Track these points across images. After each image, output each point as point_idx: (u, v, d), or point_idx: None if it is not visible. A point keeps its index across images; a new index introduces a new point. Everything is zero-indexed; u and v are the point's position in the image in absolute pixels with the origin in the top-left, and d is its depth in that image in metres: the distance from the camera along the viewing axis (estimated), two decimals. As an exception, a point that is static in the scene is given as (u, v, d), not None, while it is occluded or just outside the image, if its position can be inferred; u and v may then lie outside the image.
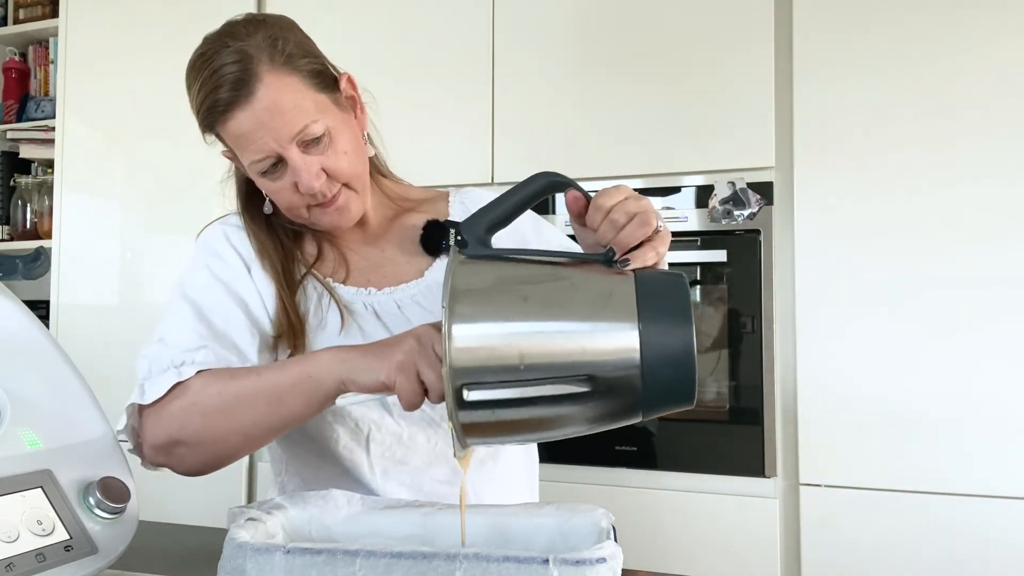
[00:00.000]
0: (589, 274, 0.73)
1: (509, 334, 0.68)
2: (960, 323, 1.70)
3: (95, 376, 0.86)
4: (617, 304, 0.68)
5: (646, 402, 0.67)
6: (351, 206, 1.00)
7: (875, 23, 1.79)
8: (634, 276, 0.71)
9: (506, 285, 0.72)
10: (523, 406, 0.69)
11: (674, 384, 0.67)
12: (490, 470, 1.05)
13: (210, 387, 0.88)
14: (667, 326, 0.67)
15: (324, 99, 0.95)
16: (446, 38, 2.14)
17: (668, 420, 1.91)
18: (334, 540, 0.78)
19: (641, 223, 0.74)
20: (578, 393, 0.67)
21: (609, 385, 0.67)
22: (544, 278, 0.72)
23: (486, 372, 0.68)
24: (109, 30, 2.49)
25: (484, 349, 0.68)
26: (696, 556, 1.84)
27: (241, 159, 0.97)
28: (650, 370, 0.66)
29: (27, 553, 0.63)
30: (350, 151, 0.97)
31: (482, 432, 0.71)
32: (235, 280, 0.99)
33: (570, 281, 0.72)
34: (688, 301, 0.69)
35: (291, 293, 1.00)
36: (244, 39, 0.91)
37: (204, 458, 0.90)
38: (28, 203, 2.80)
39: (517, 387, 0.67)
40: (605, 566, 0.60)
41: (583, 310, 0.69)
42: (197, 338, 0.93)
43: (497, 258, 0.75)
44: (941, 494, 1.69)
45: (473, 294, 0.70)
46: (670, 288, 0.70)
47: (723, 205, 1.86)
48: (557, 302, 0.70)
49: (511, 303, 0.71)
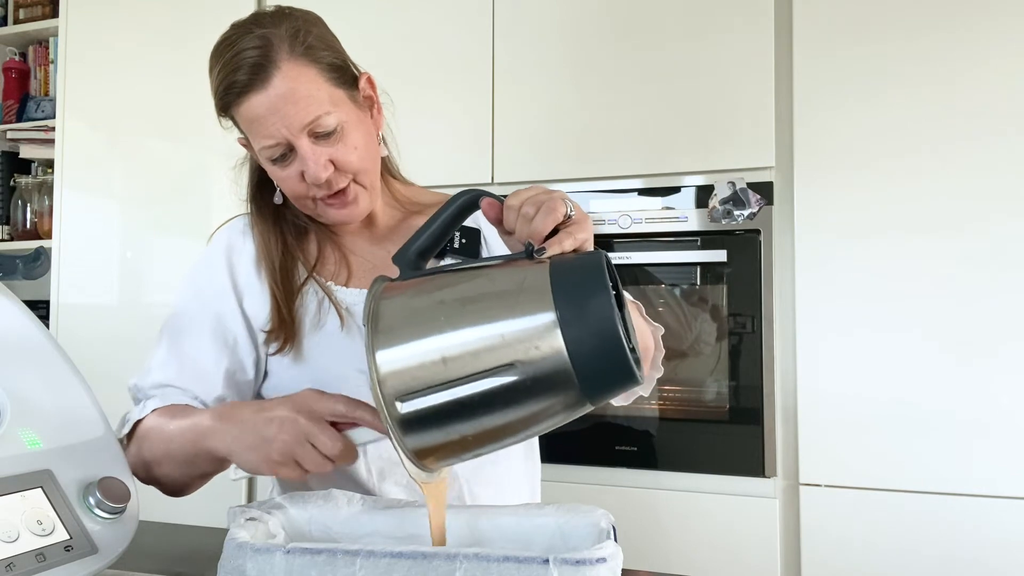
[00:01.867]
0: (506, 268, 0.71)
1: (429, 340, 0.67)
2: (960, 323, 1.70)
3: (95, 376, 0.87)
4: (531, 289, 0.66)
5: (584, 381, 0.65)
6: (359, 202, 1.01)
7: (875, 23, 1.79)
8: (550, 262, 0.69)
9: (423, 298, 0.71)
10: (463, 411, 0.66)
11: (604, 357, 0.64)
12: (488, 472, 1.05)
13: (148, 437, 0.95)
14: (582, 300, 0.65)
15: (340, 94, 0.96)
16: (446, 38, 2.14)
17: (668, 420, 1.92)
18: (334, 540, 0.78)
19: (548, 211, 0.73)
20: (511, 384, 0.65)
21: (537, 370, 0.64)
22: (460, 281, 0.72)
23: (414, 383, 0.66)
24: (109, 30, 2.49)
25: (408, 363, 0.67)
26: (696, 556, 1.84)
27: (252, 144, 0.99)
28: (574, 346, 0.64)
29: (27, 553, 0.63)
30: (360, 147, 0.98)
31: (436, 452, 0.69)
32: (216, 298, 1.04)
33: (486, 277, 0.71)
34: (602, 273, 0.66)
35: (285, 291, 1.02)
36: (268, 27, 0.94)
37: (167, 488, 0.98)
38: (28, 203, 2.80)
39: (447, 389, 0.66)
40: (605, 566, 0.60)
41: (498, 300, 0.68)
42: (164, 375, 1.02)
43: (422, 277, 0.75)
44: (941, 494, 1.69)
45: (390, 318, 0.69)
46: (583, 265, 0.68)
47: (723, 205, 1.86)
48: (472, 298, 0.69)
49: (427, 312, 0.70)
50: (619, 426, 1.93)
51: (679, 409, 1.92)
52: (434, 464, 0.71)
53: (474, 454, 0.71)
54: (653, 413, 1.92)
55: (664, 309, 1.94)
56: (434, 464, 0.71)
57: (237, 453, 0.84)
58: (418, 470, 0.70)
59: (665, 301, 1.94)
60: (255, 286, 1.05)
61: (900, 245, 1.75)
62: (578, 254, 0.72)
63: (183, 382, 1.01)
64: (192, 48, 2.45)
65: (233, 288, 1.05)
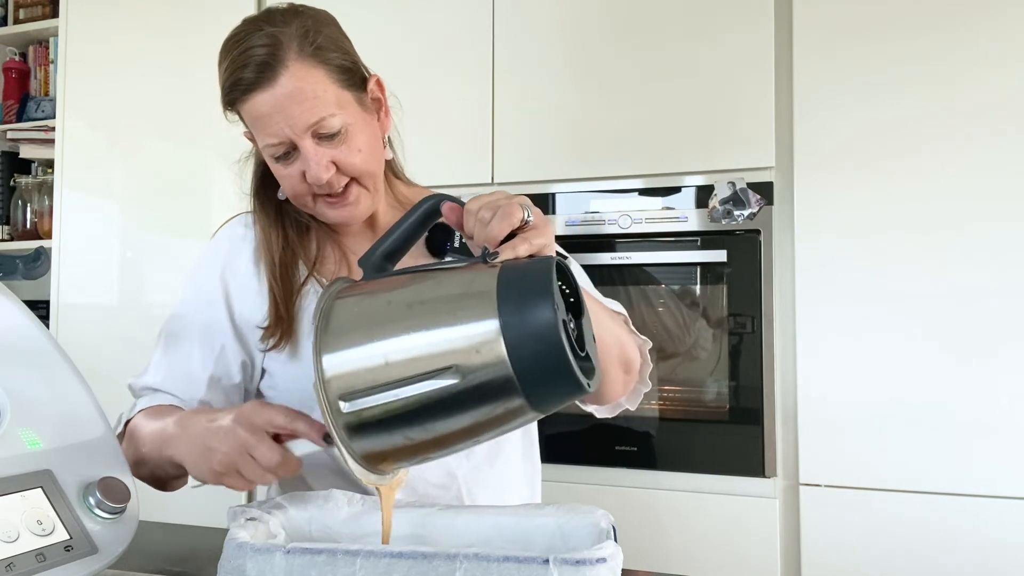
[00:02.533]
0: (457, 272, 0.71)
1: (373, 342, 0.67)
2: (960, 323, 1.69)
3: (95, 376, 0.87)
4: (477, 293, 0.66)
5: (526, 386, 0.64)
6: (361, 203, 1.01)
7: (875, 23, 1.79)
8: (500, 267, 0.69)
9: (372, 299, 0.71)
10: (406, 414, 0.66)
11: (544, 363, 0.63)
12: (486, 474, 1.05)
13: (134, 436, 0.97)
14: (525, 305, 0.64)
15: (347, 96, 0.96)
16: (446, 38, 2.14)
17: (668, 420, 1.92)
18: (334, 540, 0.78)
19: (504, 215, 0.72)
20: (452, 387, 0.64)
21: (478, 374, 0.64)
22: (411, 283, 0.71)
23: (358, 384, 0.66)
24: (109, 30, 2.49)
25: (353, 365, 0.67)
26: (696, 556, 1.84)
27: (257, 140, 0.99)
28: (514, 351, 0.63)
29: (27, 553, 0.63)
30: (364, 150, 0.98)
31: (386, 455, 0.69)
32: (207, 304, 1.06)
33: (435, 280, 0.70)
34: (548, 279, 0.65)
35: (284, 288, 1.02)
36: (279, 25, 0.93)
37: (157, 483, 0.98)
38: (28, 203, 2.80)
39: (389, 390, 0.65)
40: (605, 566, 0.60)
41: (444, 304, 0.67)
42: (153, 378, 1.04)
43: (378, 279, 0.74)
44: (941, 494, 1.69)
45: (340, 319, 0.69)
46: (531, 270, 0.67)
47: (723, 205, 1.86)
48: (419, 301, 0.68)
49: (375, 313, 0.69)
50: (619, 426, 1.93)
51: (679, 409, 1.92)
52: (387, 467, 0.71)
53: (424, 457, 0.71)
54: (653, 413, 1.92)
55: (664, 309, 1.94)
56: (387, 467, 0.71)
57: (188, 462, 0.86)
58: (365, 472, 0.70)
59: (665, 301, 1.94)
60: (252, 286, 1.05)
61: (900, 245, 1.75)
62: (531, 259, 0.71)
63: (169, 385, 1.03)
64: (192, 48, 2.46)
65: (224, 297, 1.06)
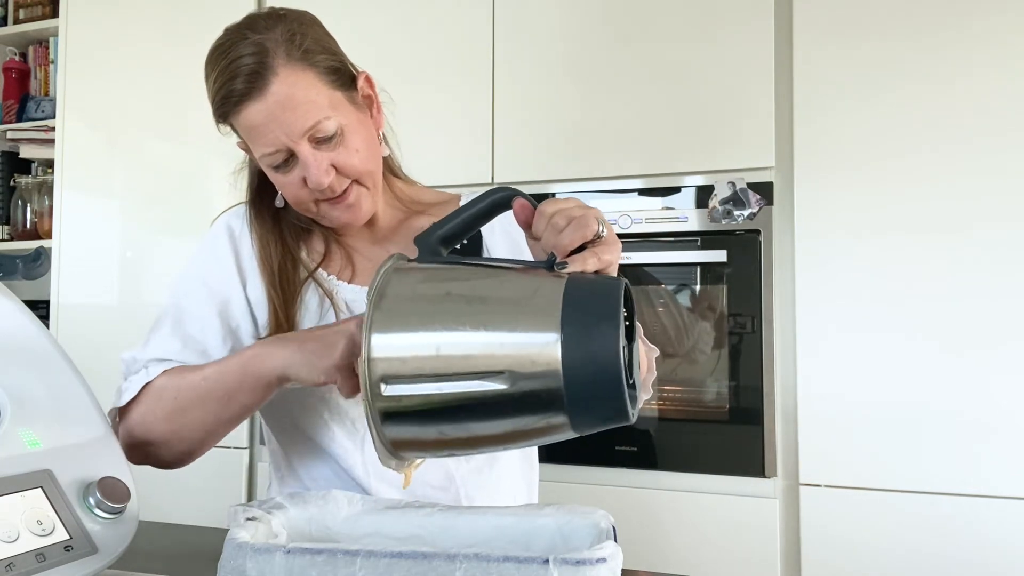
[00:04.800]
0: (523, 275, 0.69)
1: (427, 330, 0.66)
2: (960, 323, 1.70)
3: (95, 376, 0.87)
4: (541, 301, 0.64)
5: (573, 407, 0.63)
6: (362, 203, 1.00)
7: (875, 24, 1.79)
8: (567, 278, 0.67)
9: (432, 285, 0.70)
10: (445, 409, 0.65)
11: (598, 388, 0.62)
12: (486, 476, 1.05)
13: (167, 389, 0.94)
14: (590, 325, 0.62)
15: (339, 96, 0.95)
16: (446, 38, 2.14)
17: (668, 420, 1.92)
18: (334, 540, 0.78)
19: (579, 226, 0.71)
20: (499, 392, 0.63)
21: (528, 384, 0.63)
22: (473, 277, 0.70)
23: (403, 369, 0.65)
24: (109, 30, 2.49)
25: (401, 349, 0.66)
26: (696, 556, 1.84)
27: (253, 151, 0.98)
28: (570, 369, 0.62)
29: (27, 553, 0.63)
30: (362, 149, 0.97)
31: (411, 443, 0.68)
32: (223, 281, 1.04)
33: (500, 279, 0.69)
34: (617, 302, 0.64)
35: (281, 294, 1.02)
36: (263, 32, 0.92)
37: (173, 455, 0.95)
38: (28, 203, 2.80)
39: (435, 382, 0.64)
40: (605, 566, 0.60)
41: (506, 305, 0.66)
42: (165, 350, 0.99)
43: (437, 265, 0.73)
44: (941, 494, 1.69)
45: (394, 299, 0.68)
46: (600, 289, 0.66)
47: (723, 205, 1.86)
48: (480, 298, 0.67)
49: (433, 301, 0.68)
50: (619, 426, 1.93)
51: (679, 409, 1.92)
52: (407, 454, 0.71)
53: (447, 453, 0.71)
54: (653, 413, 1.92)
55: (664, 309, 1.94)
56: (407, 454, 0.71)
57: (296, 363, 0.84)
58: (388, 456, 0.69)
59: (665, 301, 1.94)
60: (257, 276, 1.04)
61: (900, 245, 1.75)
62: (599, 276, 0.70)
63: (185, 358, 0.99)
64: (192, 48, 2.44)
65: (239, 274, 1.04)
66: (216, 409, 0.91)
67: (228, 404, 0.91)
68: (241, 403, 0.91)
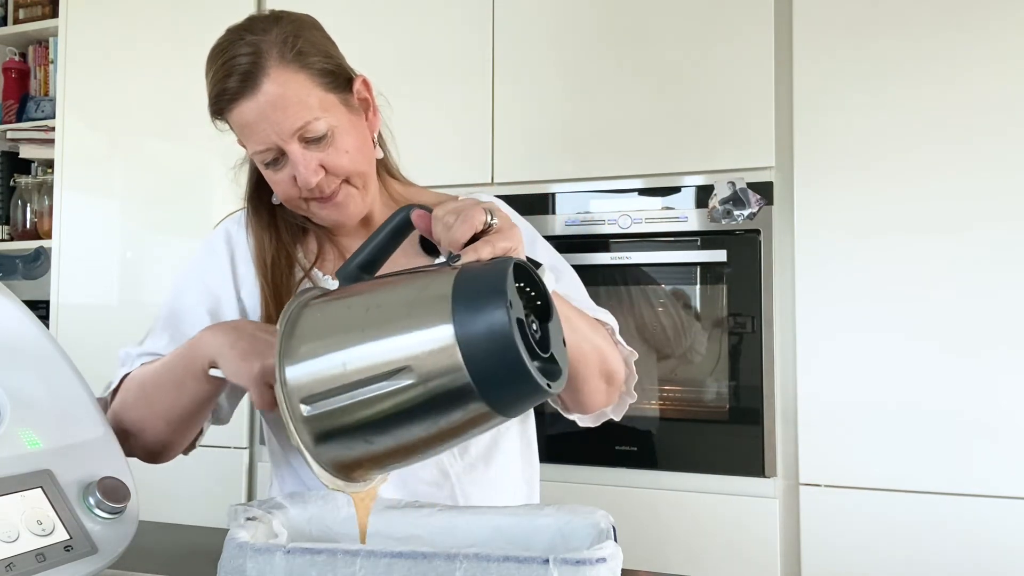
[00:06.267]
0: (417, 276, 0.71)
1: (332, 346, 0.67)
2: (960, 323, 1.69)
3: (95, 376, 0.87)
4: (433, 294, 0.66)
5: (482, 387, 0.63)
6: (350, 203, 1.01)
7: (875, 23, 1.79)
8: (459, 269, 0.68)
9: (334, 304, 0.71)
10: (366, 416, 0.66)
11: (498, 363, 0.63)
12: (481, 473, 1.05)
13: (136, 380, 0.96)
14: (478, 306, 0.63)
15: (332, 98, 0.97)
16: (446, 38, 2.14)
17: (668, 420, 1.92)
18: (334, 540, 0.78)
19: (466, 219, 0.72)
20: (408, 388, 0.64)
21: (433, 375, 0.63)
22: (373, 289, 0.71)
23: (318, 387, 0.66)
24: (109, 30, 2.49)
25: (313, 369, 0.67)
26: (696, 556, 1.84)
27: (247, 148, 1.01)
28: (468, 351, 0.63)
29: (27, 553, 0.63)
30: (352, 151, 0.98)
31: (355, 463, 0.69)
32: (215, 282, 1.07)
33: (393, 285, 0.70)
34: (502, 279, 0.65)
35: (275, 291, 1.03)
36: (260, 33, 0.95)
37: (145, 446, 0.97)
38: (28, 203, 2.80)
39: (347, 392, 0.65)
40: (605, 566, 0.60)
41: (399, 306, 0.67)
42: (157, 343, 1.02)
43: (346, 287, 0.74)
44: (941, 494, 1.69)
45: (304, 326, 0.69)
46: (486, 270, 0.67)
47: (723, 205, 1.86)
48: (375, 304, 0.69)
49: (335, 318, 0.70)
50: (619, 426, 1.92)
51: (679, 409, 1.92)
52: (358, 475, 0.71)
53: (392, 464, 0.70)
54: (653, 413, 1.92)
55: (663, 309, 1.94)
56: (358, 475, 0.71)
57: (225, 356, 0.84)
58: (331, 478, 0.69)
59: (665, 301, 1.94)
60: (252, 280, 1.06)
61: (900, 245, 1.75)
62: (486, 262, 0.70)
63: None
64: (192, 48, 2.44)
65: (233, 277, 1.07)
66: (171, 397, 0.92)
67: (180, 392, 0.92)
68: (191, 391, 0.91)
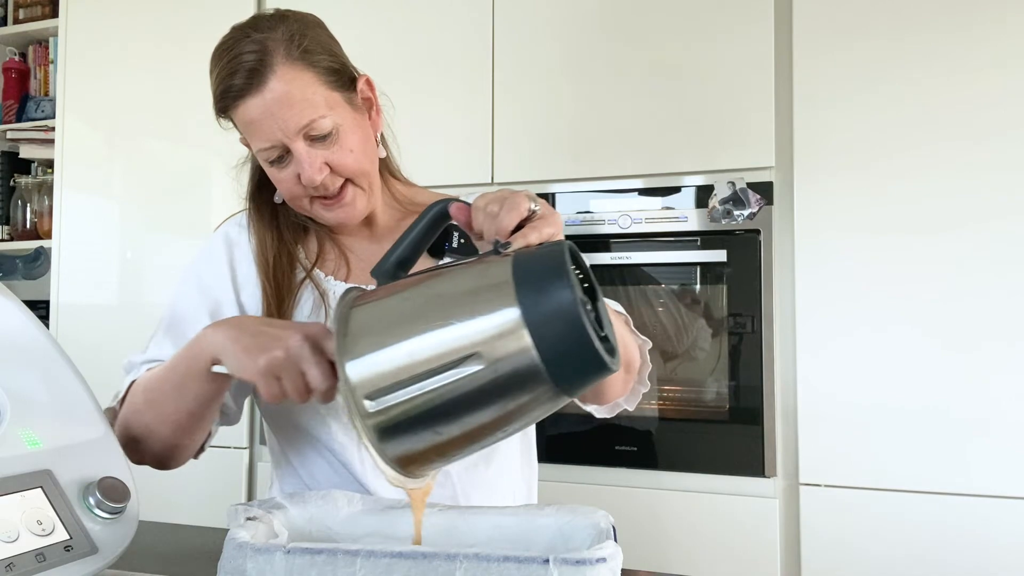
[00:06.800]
0: (471, 266, 0.71)
1: (395, 339, 0.67)
2: (960, 323, 1.70)
3: (95, 376, 0.87)
4: (493, 281, 0.66)
5: (551, 367, 0.63)
6: (357, 203, 1.02)
7: (875, 23, 1.79)
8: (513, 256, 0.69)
9: (389, 300, 0.71)
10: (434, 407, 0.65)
11: (567, 342, 0.63)
12: (481, 473, 1.05)
13: (140, 386, 0.95)
14: (542, 288, 0.64)
15: (337, 97, 0.97)
16: (446, 38, 2.14)
17: (668, 420, 1.92)
18: (334, 540, 0.78)
19: (512, 206, 0.73)
20: (477, 374, 0.64)
21: (502, 359, 0.64)
22: (426, 281, 0.71)
23: (383, 382, 0.66)
24: (109, 30, 2.49)
25: (377, 365, 0.66)
26: (696, 556, 1.84)
27: (251, 146, 1.00)
28: (536, 333, 0.63)
29: (27, 553, 0.63)
30: (356, 150, 0.99)
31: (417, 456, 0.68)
32: (214, 285, 1.06)
33: (451, 276, 0.70)
34: (563, 261, 0.66)
35: (277, 291, 1.03)
36: (265, 31, 0.95)
37: (154, 452, 0.95)
38: (28, 203, 2.80)
39: (415, 384, 0.65)
40: (605, 566, 0.60)
41: (461, 295, 0.67)
42: (161, 350, 1.02)
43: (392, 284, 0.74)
44: (941, 494, 1.69)
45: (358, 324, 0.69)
46: (544, 255, 0.68)
47: (723, 205, 1.86)
48: (436, 296, 0.69)
49: (393, 313, 0.70)
50: (619, 426, 1.93)
51: (679, 409, 1.92)
52: (419, 470, 0.70)
53: (456, 454, 0.70)
54: (653, 413, 1.92)
55: (664, 309, 1.94)
56: (419, 470, 0.70)
57: (228, 352, 0.83)
58: (395, 474, 0.69)
59: (665, 301, 1.94)
60: (252, 282, 1.06)
61: (901, 245, 1.75)
62: (541, 246, 0.71)
63: None
64: (192, 48, 2.46)
65: (232, 280, 1.07)
66: (174, 399, 0.91)
67: (182, 393, 0.90)
68: (194, 391, 0.90)
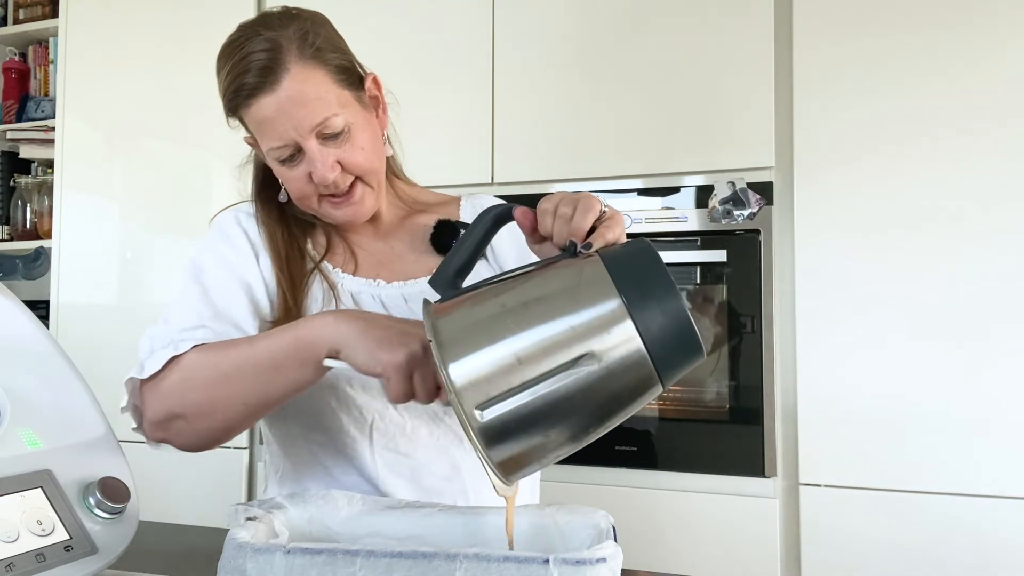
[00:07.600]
0: (557, 268, 0.72)
1: (500, 345, 0.67)
2: (960, 322, 1.70)
3: (95, 376, 0.87)
4: (591, 280, 0.68)
5: (658, 361, 0.65)
6: (365, 201, 1.02)
7: (875, 23, 1.79)
8: (599, 255, 0.70)
9: (483, 306, 0.71)
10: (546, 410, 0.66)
11: (674, 335, 0.66)
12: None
13: (207, 359, 0.90)
14: (644, 284, 0.67)
15: (347, 95, 0.97)
16: (446, 38, 2.14)
17: (668, 420, 1.92)
18: (334, 540, 0.78)
19: (587, 208, 0.76)
20: (590, 374, 0.65)
21: (613, 356, 0.65)
22: (516, 286, 0.71)
23: (493, 389, 0.65)
24: (109, 30, 2.49)
25: (484, 371, 0.66)
26: (696, 556, 1.84)
27: (261, 145, 0.99)
28: (645, 327, 0.65)
29: (27, 553, 0.63)
30: (367, 147, 0.99)
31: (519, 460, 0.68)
32: (242, 263, 1.02)
33: (540, 279, 0.71)
34: (656, 257, 0.68)
35: (292, 282, 1.02)
36: (277, 29, 0.94)
37: (203, 431, 0.91)
38: (28, 203, 2.80)
39: (527, 389, 0.65)
40: (605, 566, 0.60)
41: (560, 295, 0.68)
42: (197, 318, 0.96)
43: (469, 292, 0.74)
44: (941, 494, 1.69)
45: (452, 331, 0.69)
46: (635, 252, 0.70)
47: (723, 205, 1.86)
48: (534, 299, 0.69)
49: (492, 319, 0.69)
50: (619, 426, 1.92)
51: (679, 409, 1.92)
52: (518, 473, 0.70)
53: (555, 456, 0.70)
54: (653, 413, 1.92)
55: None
56: (518, 473, 0.70)
57: (354, 344, 0.81)
58: (503, 484, 0.69)
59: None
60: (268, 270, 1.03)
61: (900, 244, 1.75)
62: (625, 244, 0.74)
63: (218, 326, 0.95)
64: (192, 48, 2.46)
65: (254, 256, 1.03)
66: (262, 381, 0.87)
67: (274, 377, 0.87)
68: (289, 378, 0.86)
